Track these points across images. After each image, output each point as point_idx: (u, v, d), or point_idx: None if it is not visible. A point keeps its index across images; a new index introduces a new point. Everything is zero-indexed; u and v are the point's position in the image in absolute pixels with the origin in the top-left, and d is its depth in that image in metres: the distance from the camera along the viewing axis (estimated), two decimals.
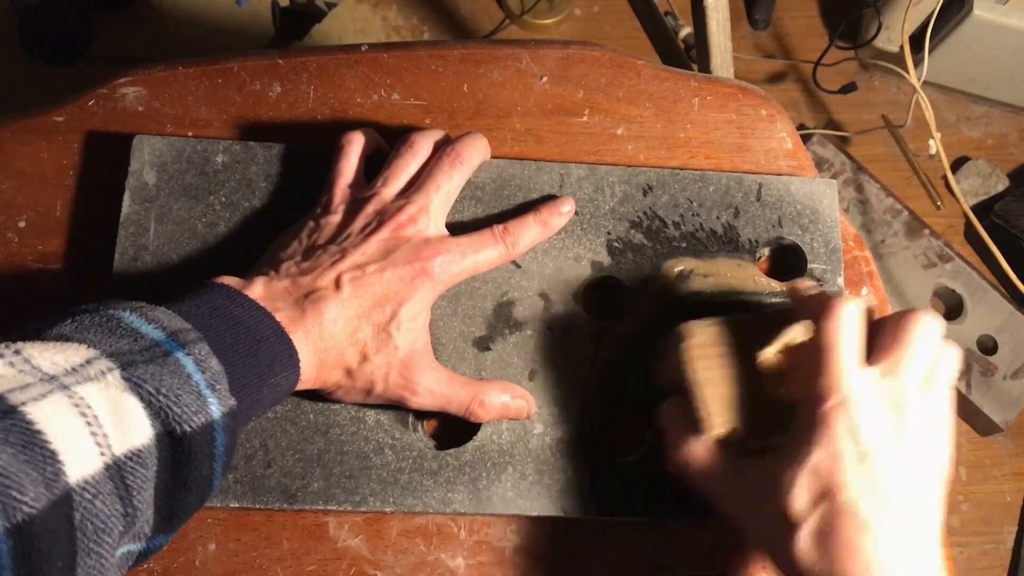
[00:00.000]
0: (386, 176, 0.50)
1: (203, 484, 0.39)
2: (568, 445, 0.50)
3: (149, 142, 0.52)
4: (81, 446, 0.34)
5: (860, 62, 1.42)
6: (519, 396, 0.49)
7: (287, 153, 0.52)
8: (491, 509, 0.49)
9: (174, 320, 0.40)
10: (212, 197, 0.52)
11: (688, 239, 0.53)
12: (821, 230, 0.54)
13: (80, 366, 0.36)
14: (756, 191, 0.54)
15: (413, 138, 0.51)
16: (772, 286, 0.53)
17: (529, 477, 0.49)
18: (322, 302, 0.44)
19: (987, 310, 1.25)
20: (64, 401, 0.34)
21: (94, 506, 0.34)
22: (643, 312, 0.52)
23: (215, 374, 0.39)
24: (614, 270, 0.52)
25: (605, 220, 0.53)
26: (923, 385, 0.42)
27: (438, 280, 0.47)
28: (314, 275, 0.45)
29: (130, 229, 0.51)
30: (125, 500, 0.35)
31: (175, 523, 0.39)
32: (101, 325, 0.38)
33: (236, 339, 0.41)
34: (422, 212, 0.48)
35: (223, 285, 0.43)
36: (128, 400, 0.36)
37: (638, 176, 0.54)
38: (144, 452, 0.36)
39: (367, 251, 0.46)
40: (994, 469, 1.26)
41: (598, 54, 0.58)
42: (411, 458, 0.49)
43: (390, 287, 0.46)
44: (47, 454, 0.33)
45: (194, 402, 0.38)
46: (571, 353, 0.51)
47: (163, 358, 0.38)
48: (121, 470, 0.35)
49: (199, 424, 0.38)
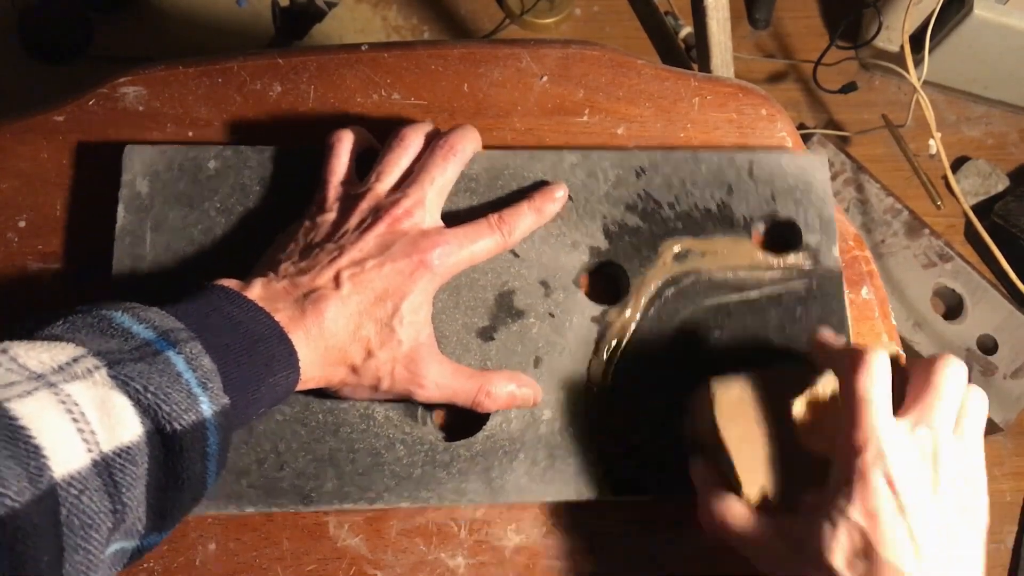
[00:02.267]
0: (379, 171, 0.49)
1: (196, 482, 0.39)
2: (577, 428, 0.50)
3: (139, 152, 0.52)
4: (67, 442, 0.34)
5: (860, 62, 1.42)
6: (525, 384, 0.49)
7: (279, 155, 0.52)
8: (505, 498, 0.49)
9: (166, 320, 0.40)
10: (207, 203, 0.51)
11: (683, 219, 0.53)
12: (814, 203, 0.54)
13: (67, 364, 0.36)
14: (748, 168, 0.54)
15: (404, 132, 0.51)
16: (770, 261, 0.53)
17: (541, 463, 0.49)
18: (322, 301, 0.44)
19: (987, 310, 1.25)
20: (50, 398, 0.34)
21: (80, 502, 0.34)
22: (643, 294, 0.52)
23: (207, 372, 0.39)
24: (612, 254, 0.53)
25: (600, 205, 0.53)
26: (955, 432, 0.42)
27: (437, 272, 0.47)
28: (312, 274, 0.45)
29: (126, 240, 0.50)
30: (114, 496, 0.35)
31: (169, 521, 0.39)
32: (92, 326, 0.38)
33: (232, 339, 0.41)
34: (417, 205, 0.48)
35: (221, 286, 0.43)
36: (116, 397, 0.36)
37: (630, 159, 0.54)
38: (133, 449, 0.36)
39: (364, 247, 0.46)
40: (994, 469, 1.26)
41: (598, 54, 0.58)
42: (423, 452, 0.49)
43: (390, 282, 0.46)
44: (31, 449, 0.33)
45: (184, 400, 0.38)
46: (574, 338, 0.51)
47: (152, 357, 0.38)
48: (110, 467, 0.35)
49: (190, 422, 0.38)
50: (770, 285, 0.53)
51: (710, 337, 0.52)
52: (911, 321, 1.25)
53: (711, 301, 0.52)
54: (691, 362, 0.51)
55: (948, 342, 1.24)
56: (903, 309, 1.26)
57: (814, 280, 0.53)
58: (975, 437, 0.43)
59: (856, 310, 0.54)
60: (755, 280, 0.53)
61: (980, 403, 0.43)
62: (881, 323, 0.55)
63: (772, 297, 0.53)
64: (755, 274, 0.53)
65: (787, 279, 0.53)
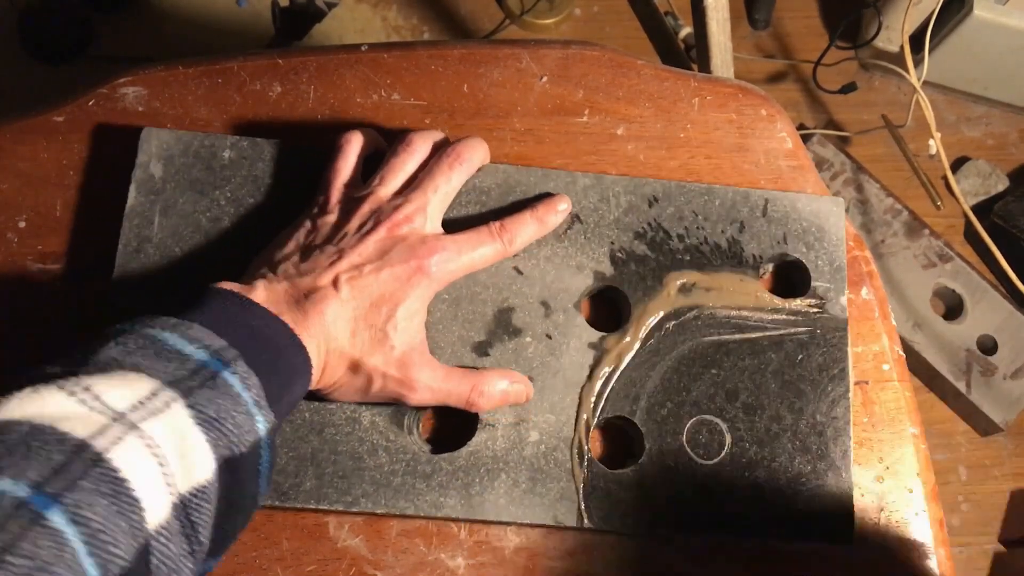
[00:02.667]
0: (382, 175, 0.49)
1: (249, 504, 0.40)
2: (563, 454, 0.49)
3: (157, 135, 0.52)
4: (156, 489, 0.35)
5: (860, 62, 1.42)
6: (517, 381, 0.49)
7: (294, 151, 0.52)
8: (483, 515, 0.48)
9: (212, 338, 0.40)
10: (217, 192, 0.52)
11: (692, 252, 0.53)
12: (826, 248, 0.53)
13: (146, 399, 0.36)
14: (762, 206, 0.54)
15: (411, 138, 0.51)
16: (774, 302, 0.52)
17: (522, 485, 0.49)
18: (322, 302, 0.44)
19: (987, 310, 1.25)
20: (138, 443, 0.35)
21: (168, 549, 0.35)
22: (643, 324, 0.52)
23: (258, 391, 0.39)
24: (616, 280, 0.52)
25: (609, 230, 0.53)
26: None
27: (434, 278, 0.47)
28: (313, 276, 0.45)
29: (134, 221, 0.51)
30: (192, 538, 0.36)
31: (224, 545, 0.39)
32: (145, 348, 0.38)
33: (261, 352, 0.41)
34: (419, 211, 0.48)
35: (231, 292, 0.43)
36: (192, 435, 0.36)
37: (644, 187, 0.53)
38: (208, 487, 0.36)
39: (363, 251, 0.46)
40: (994, 469, 1.26)
41: (598, 54, 0.58)
42: (405, 461, 0.49)
43: (386, 287, 0.46)
44: (132, 502, 0.33)
45: (245, 422, 0.38)
46: (569, 362, 0.51)
47: (212, 380, 0.38)
48: (187, 507, 0.36)
49: (249, 444, 0.38)
50: (773, 328, 0.52)
51: (706, 374, 0.51)
52: (911, 321, 1.25)
53: (711, 338, 0.52)
54: (684, 397, 0.51)
55: (948, 342, 1.24)
56: (903, 309, 1.26)
57: (819, 327, 0.52)
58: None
59: (856, 310, 0.54)
60: (758, 321, 0.52)
61: None
62: (881, 323, 0.55)
63: (774, 340, 0.52)
64: (759, 315, 0.52)
65: (791, 323, 0.52)
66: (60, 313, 0.52)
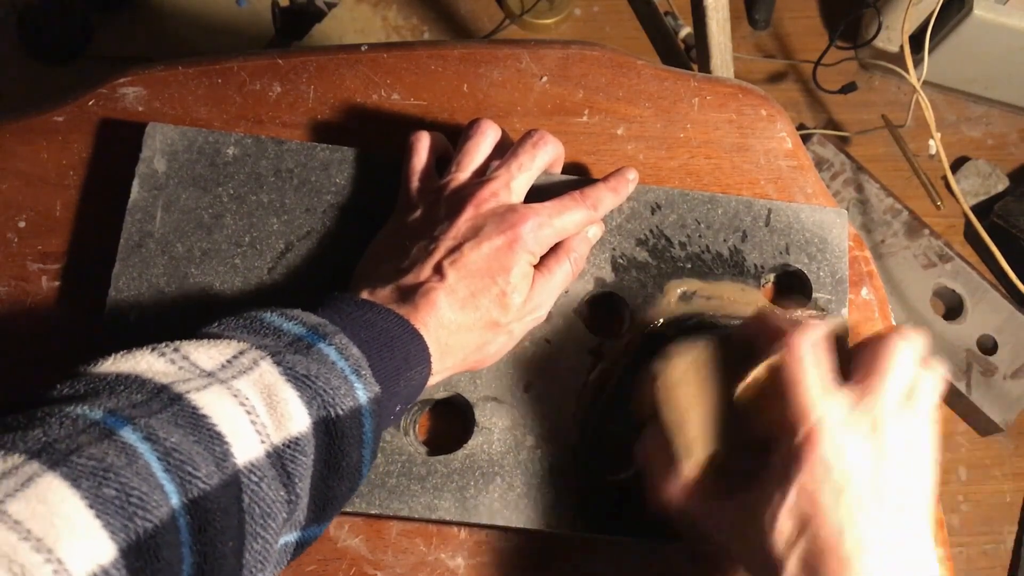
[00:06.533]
0: (458, 160, 0.50)
1: (353, 471, 0.40)
2: (559, 460, 0.49)
3: (162, 130, 0.52)
4: (244, 431, 0.35)
5: (860, 62, 1.42)
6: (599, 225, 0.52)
7: (297, 149, 0.53)
8: (477, 518, 0.48)
9: (311, 317, 0.41)
10: (220, 188, 0.52)
11: (693, 260, 0.53)
12: (828, 259, 0.53)
13: (233, 358, 0.37)
14: (765, 216, 0.54)
15: (481, 122, 0.51)
16: None
17: (517, 489, 0.49)
18: (431, 293, 0.44)
19: (987, 310, 1.25)
20: (222, 390, 0.35)
21: (261, 489, 0.35)
22: (642, 330, 0.51)
23: (358, 360, 0.40)
24: (616, 287, 0.52)
25: (611, 236, 0.53)
26: (901, 406, 0.41)
27: (530, 245, 0.47)
28: (415, 272, 0.45)
29: (137, 215, 0.51)
30: (288, 487, 0.36)
31: (328, 512, 0.40)
32: (245, 326, 0.40)
33: (370, 335, 0.41)
34: (503, 187, 0.48)
35: (341, 295, 0.44)
36: (282, 390, 0.37)
37: (647, 194, 0.53)
38: (303, 440, 0.37)
39: (457, 233, 0.46)
40: (994, 469, 1.26)
41: (598, 54, 0.58)
42: (400, 462, 0.49)
43: (490, 260, 0.46)
44: (214, 435, 0.34)
45: (343, 385, 0.38)
46: (567, 368, 0.51)
47: (306, 349, 0.39)
48: (281, 458, 0.36)
49: (349, 408, 0.38)
50: None
51: None
52: (911, 321, 1.25)
53: None
54: None
55: (948, 342, 1.24)
56: (903, 309, 1.26)
57: None
58: (924, 410, 0.42)
59: (856, 311, 0.54)
60: None
61: (932, 379, 0.42)
62: (881, 324, 0.55)
63: None
64: None
65: None
66: (60, 313, 0.52)
